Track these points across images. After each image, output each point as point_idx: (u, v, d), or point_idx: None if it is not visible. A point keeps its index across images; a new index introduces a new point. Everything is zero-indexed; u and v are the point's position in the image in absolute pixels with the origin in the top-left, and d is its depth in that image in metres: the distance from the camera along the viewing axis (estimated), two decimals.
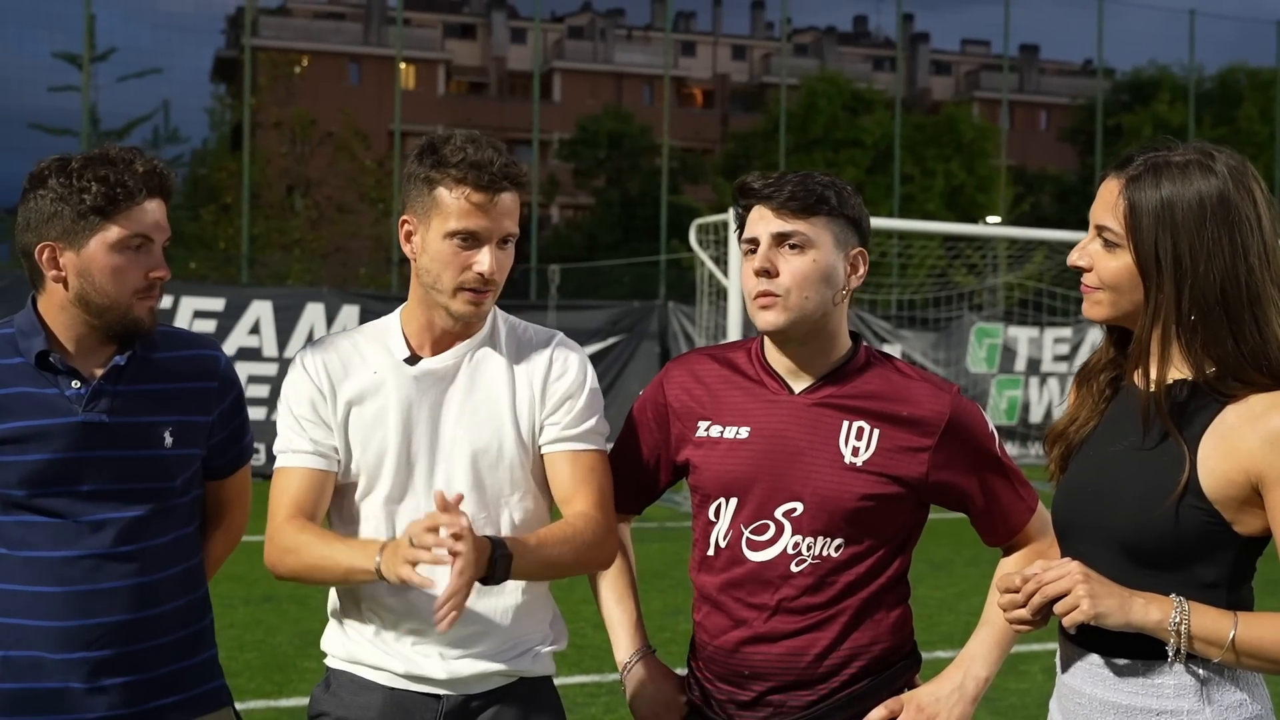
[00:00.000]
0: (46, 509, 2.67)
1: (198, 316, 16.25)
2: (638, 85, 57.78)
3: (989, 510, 2.73)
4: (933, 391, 2.67)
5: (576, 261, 31.51)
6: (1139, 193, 2.21)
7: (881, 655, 2.66)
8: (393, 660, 2.74)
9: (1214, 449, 2.17)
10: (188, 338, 2.94)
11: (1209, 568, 2.18)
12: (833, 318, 2.65)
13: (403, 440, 2.73)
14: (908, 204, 34.72)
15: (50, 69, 28.38)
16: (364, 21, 54.81)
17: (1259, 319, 2.17)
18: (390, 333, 2.82)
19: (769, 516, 2.63)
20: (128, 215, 2.67)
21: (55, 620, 2.67)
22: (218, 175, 30.20)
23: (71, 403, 2.69)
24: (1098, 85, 31.74)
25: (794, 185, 2.59)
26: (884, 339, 19.15)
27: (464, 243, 2.68)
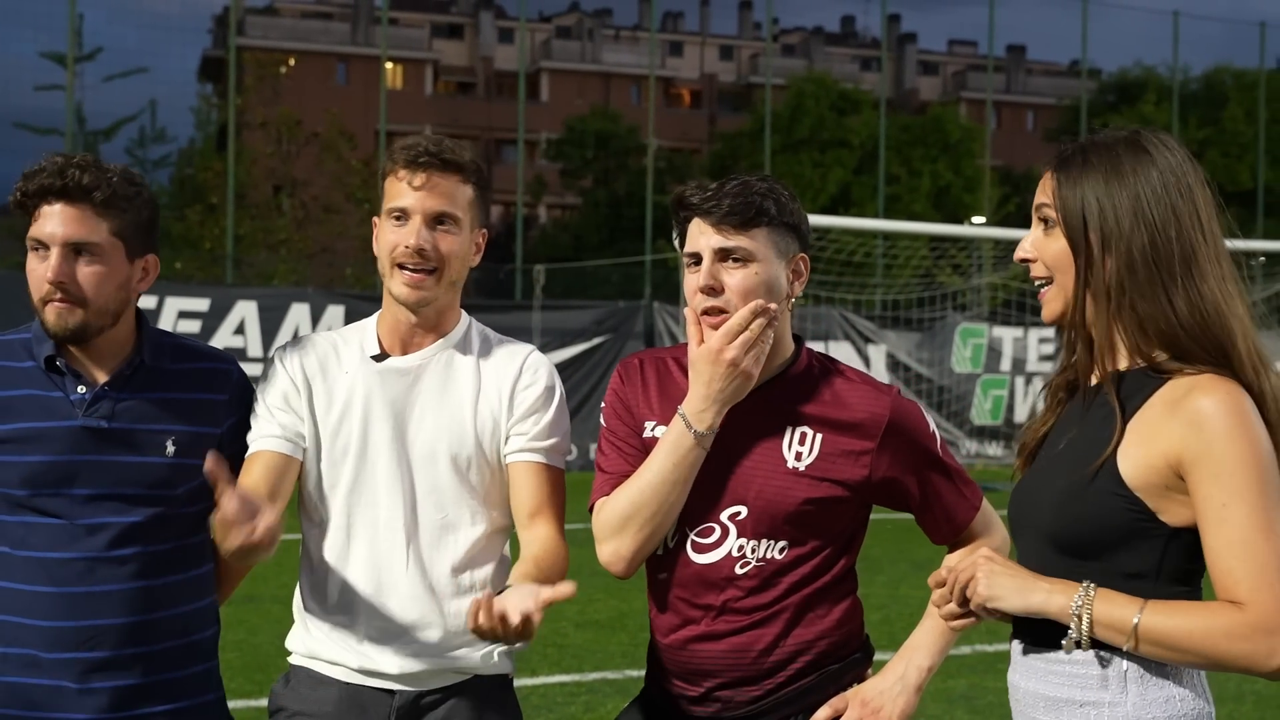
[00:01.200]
0: (46, 509, 2.72)
1: (182, 317, 16.25)
2: (625, 85, 57.81)
3: (932, 509, 2.76)
4: (873, 394, 2.71)
5: (564, 261, 31.52)
6: (1066, 170, 2.27)
7: (827, 650, 2.70)
8: (348, 655, 2.79)
9: (1136, 437, 2.17)
10: (203, 350, 2.99)
11: (1132, 558, 2.17)
12: (780, 323, 2.68)
13: (363, 436, 2.79)
14: (894, 204, 34.79)
15: (36, 68, 28.33)
16: (351, 21, 54.77)
17: (1195, 276, 2.18)
18: (366, 332, 2.88)
19: (714, 519, 2.66)
20: (33, 220, 2.75)
21: (49, 620, 2.71)
22: (204, 175, 30.17)
23: (74, 407, 2.74)
24: (1082, 86, 31.80)
25: (732, 199, 2.60)
26: (869, 339, 19.21)
27: (397, 221, 2.78)
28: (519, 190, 25.27)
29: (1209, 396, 2.12)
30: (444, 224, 2.78)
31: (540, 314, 18.22)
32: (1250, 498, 2.08)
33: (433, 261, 2.76)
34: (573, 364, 17.94)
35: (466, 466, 2.80)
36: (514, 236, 23.73)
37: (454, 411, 2.81)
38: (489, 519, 2.83)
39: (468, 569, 2.81)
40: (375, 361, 2.83)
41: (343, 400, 2.81)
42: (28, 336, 2.82)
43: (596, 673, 7.26)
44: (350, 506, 2.80)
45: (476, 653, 2.80)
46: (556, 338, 18.04)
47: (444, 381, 2.83)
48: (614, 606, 8.61)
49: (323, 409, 2.82)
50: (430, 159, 2.76)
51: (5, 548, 2.74)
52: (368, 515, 2.79)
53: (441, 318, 2.86)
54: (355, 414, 2.79)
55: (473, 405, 2.82)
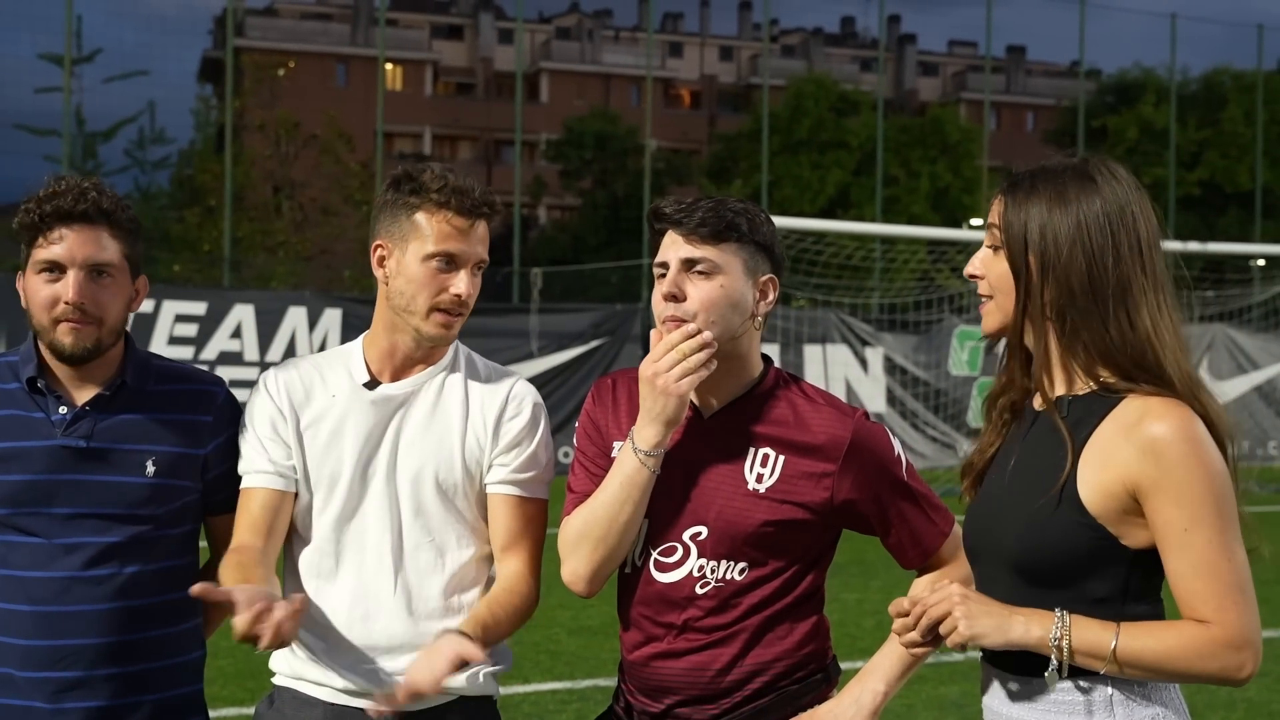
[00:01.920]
0: (25, 528, 2.75)
1: (179, 320, 16.25)
2: (625, 86, 57.82)
3: (897, 534, 2.75)
4: (835, 416, 2.70)
5: (563, 263, 31.53)
6: (1013, 195, 2.30)
7: (785, 671, 2.70)
8: (333, 676, 2.79)
9: (1092, 462, 2.19)
10: (188, 372, 3.00)
11: (1099, 583, 2.19)
12: (741, 343, 2.68)
13: (357, 463, 2.80)
14: (893, 205, 34.81)
15: (35, 70, 28.32)
16: (351, 22, 54.77)
17: (1129, 309, 2.21)
18: (352, 357, 2.88)
19: (676, 539, 2.68)
20: (42, 243, 2.76)
21: (23, 639, 2.73)
22: (203, 177, 30.16)
23: (54, 426, 2.77)
24: (1081, 87, 31.81)
25: (705, 211, 2.62)
26: (866, 342, 19.20)
27: (443, 265, 2.76)
28: (517, 191, 25.26)
29: (1162, 422, 2.16)
30: (480, 269, 2.81)
31: (538, 316, 18.22)
32: (1211, 521, 2.13)
33: (469, 306, 2.81)
34: (570, 367, 17.95)
35: (454, 493, 2.82)
36: (512, 238, 23.71)
37: (442, 438, 2.82)
38: (476, 544, 2.85)
39: (455, 593, 2.82)
40: (366, 389, 2.84)
41: (331, 427, 2.82)
42: (14, 359, 2.85)
43: (589, 680, 7.26)
44: (339, 532, 2.81)
45: (462, 675, 2.78)
46: (554, 340, 18.04)
47: (434, 408, 2.84)
48: (606, 613, 8.54)
49: (310, 435, 2.82)
50: (481, 206, 2.78)
51: None
52: (356, 540, 2.80)
53: (431, 349, 2.87)
54: (346, 440, 2.81)
55: (461, 433, 2.83)
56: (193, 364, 15.92)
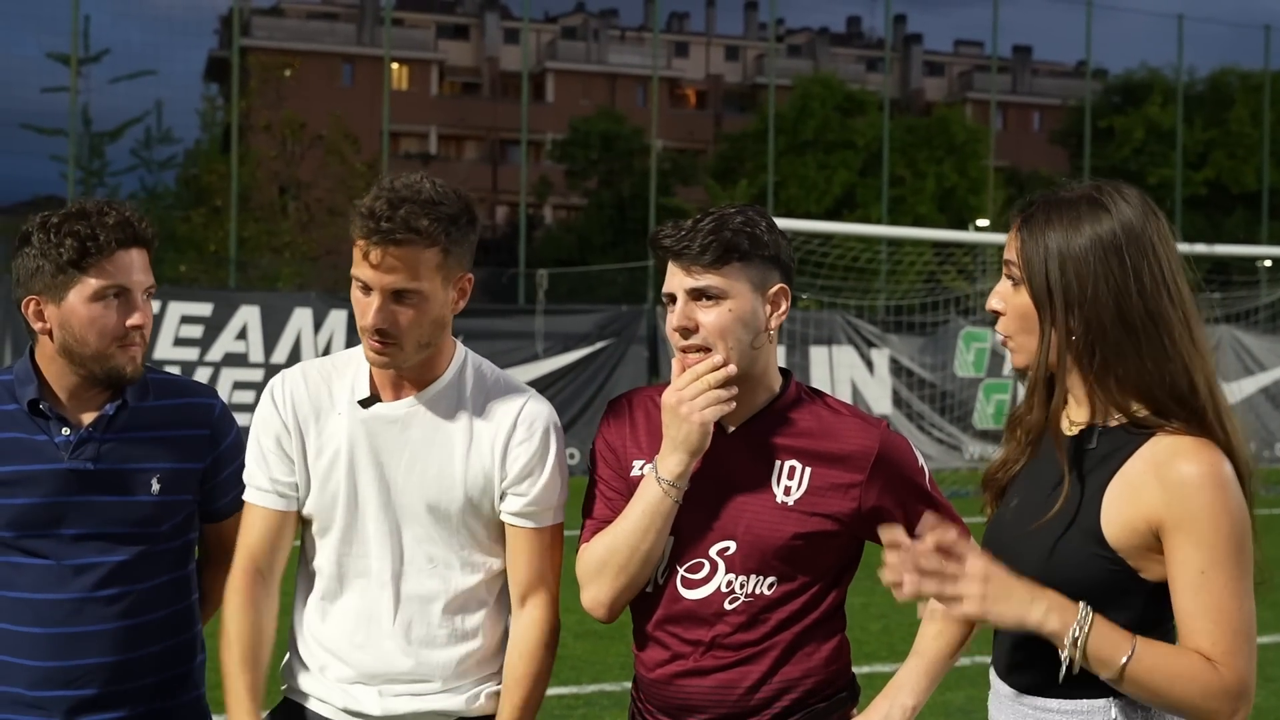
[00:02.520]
0: (33, 550, 2.76)
1: (185, 322, 16.22)
2: (630, 86, 57.79)
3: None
4: (861, 427, 2.70)
5: (568, 263, 31.52)
6: (1030, 230, 2.28)
7: (813, 689, 2.68)
8: (334, 694, 2.77)
9: (1118, 496, 2.19)
10: (182, 385, 3.00)
11: (1118, 613, 2.18)
12: (759, 358, 2.67)
13: (349, 485, 2.74)
14: (899, 206, 34.78)
15: (42, 69, 28.37)
16: (357, 22, 54.79)
17: (1164, 339, 2.19)
18: (360, 370, 2.79)
19: (703, 555, 2.65)
20: (101, 267, 2.73)
21: (36, 660, 2.75)
22: (209, 177, 30.14)
23: (59, 449, 2.77)
24: (1088, 87, 31.76)
25: (703, 238, 2.58)
26: (872, 343, 19.16)
27: (363, 291, 2.64)
28: (522, 192, 25.25)
29: (1192, 463, 2.15)
30: (405, 299, 2.62)
31: (543, 318, 18.19)
32: (1228, 567, 2.13)
33: (394, 337, 2.63)
34: (576, 368, 17.93)
35: (456, 518, 2.74)
36: (518, 238, 23.70)
37: (444, 463, 2.73)
38: (480, 568, 2.78)
39: (459, 617, 2.76)
40: (362, 407, 2.75)
41: (333, 446, 2.75)
42: (9, 379, 2.84)
43: (595, 684, 7.25)
44: (340, 555, 2.77)
45: (461, 696, 2.77)
46: (559, 341, 18.01)
47: (434, 430, 2.74)
48: None
49: (314, 452, 2.76)
50: (384, 235, 2.56)
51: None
52: (359, 565, 2.75)
53: (428, 364, 2.75)
54: (343, 461, 2.74)
55: (464, 457, 2.74)
56: (199, 362, 15.84)
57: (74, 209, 2.78)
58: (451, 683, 2.76)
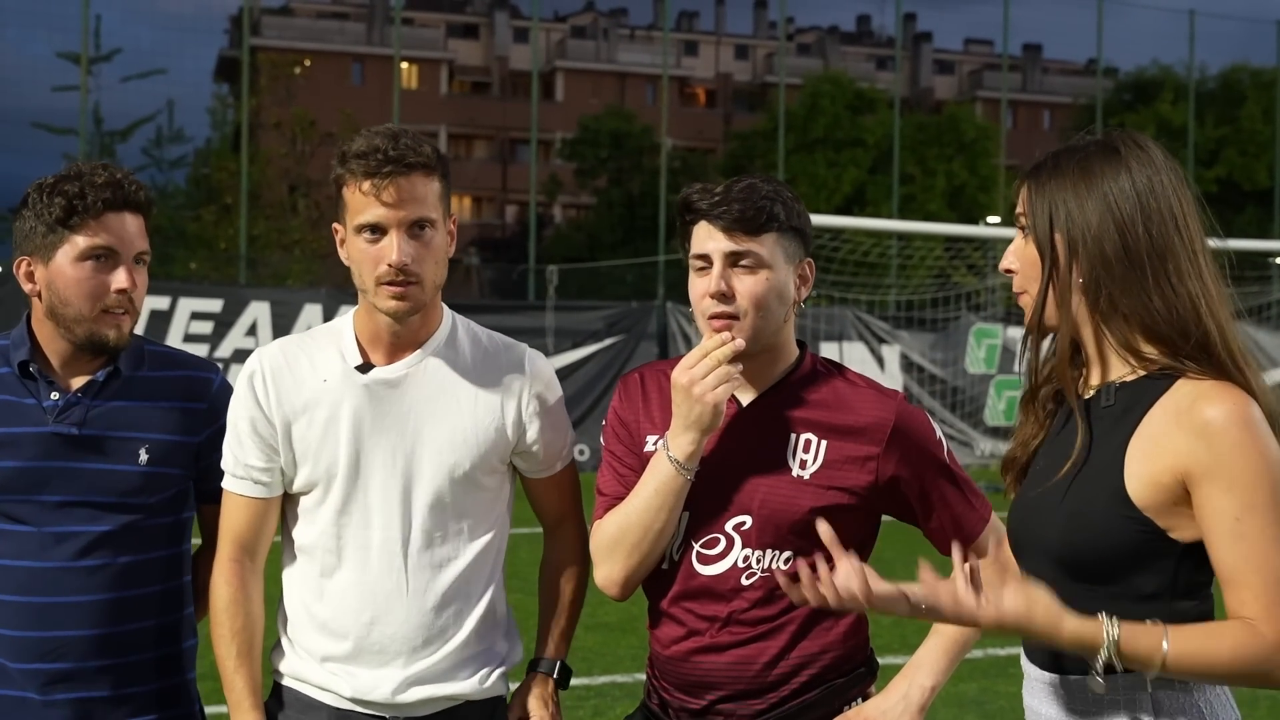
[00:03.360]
0: (15, 516, 2.69)
1: (195, 318, 16.27)
2: (640, 85, 57.78)
3: (940, 518, 2.69)
4: (877, 398, 2.66)
5: (579, 261, 31.48)
6: (1036, 177, 2.24)
7: (832, 664, 2.65)
8: (337, 681, 2.70)
9: (1140, 452, 2.10)
10: (182, 358, 2.93)
11: (1148, 578, 2.11)
12: (783, 331, 2.65)
13: (352, 452, 2.65)
14: (909, 204, 34.71)
15: (52, 69, 28.39)
16: (367, 21, 54.84)
17: (1170, 274, 2.12)
18: (344, 337, 2.71)
19: (719, 530, 2.61)
20: (87, 226, 2.68)
21: (14, 629, 2.68)
22: (219, 175, 30.18)
23: (46, 413, 2.71)
24: (1099, 85, 31.67)
25: (742, 203, 2.55)
26: (883, 340, 19.13)
27: (371, 236, 2.58)
28: (532, 190, 25.24)
29: (1216, 406, 2.05)
30: (422, 231, 2.59)
31: (553, 314, 18.19)
32: (1265, 511, 2.02)
33: (415, 275, 2.59)
34: (585, 364, 17.93)
35: (470, 480, 2.69)
36: (528, 236, 23.69)
37: (454, 421, 2.68)
38: (487, 531, 2.75)
39: (468, 584, 2.72)
40: (360, 373, 2.67)
41: (325, 416, 2.66)
42: (5, 344, 2.79)
43: (606, 676, 7.23)
44: (339, 528, 2.68)
45: (471, 678, 2.73)
46: (569, 338, 18.02)
47: (437, 390, 2.69)
48: (624, 609, 8.53)
49: (301, 427, 2.66)
50: (395, 163, 2.53)
51: None
52: (359, 537, 2.67)
53: (425, 320, 2.69)
54: (341, 431, 2.65)
55: (472, 414, 2.69)
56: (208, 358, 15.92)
57: (70, 170, 2.74)
58: (455, 663, 2.71)
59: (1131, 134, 2.23)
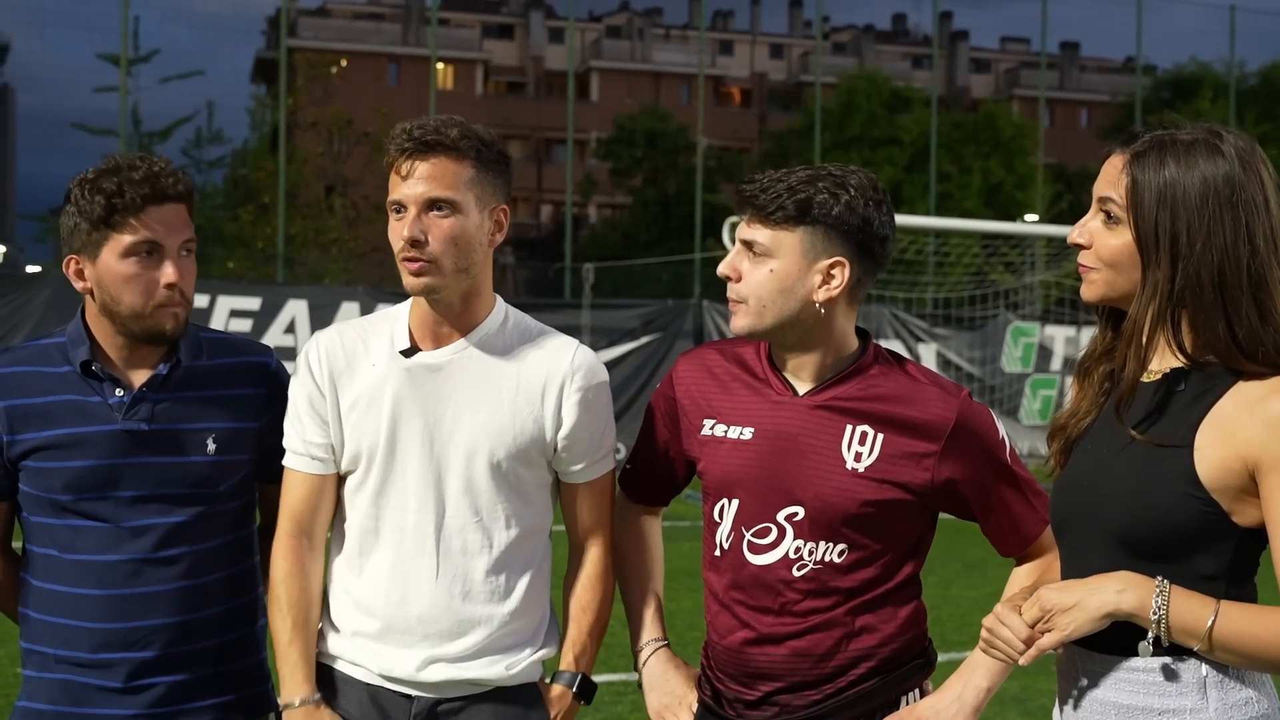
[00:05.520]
0: (90, 513, 2.73)
1: (234, 316, 16.39)
2: (675, 84, 57.76)
3: (999, 519, 2.66)
4: (940, 395, 2.61)
5: (613, 260, 31.47)
6: (1142, 169, 2.19)
7: (890, 656, 2.62)
8: (369, 658, 2.73)
9: (1211, 437, 2.12)
10: (239, 344, 2.97)
11: (1208, 559, 2.13)
12: (821, 323, 2.58)
13: (390, 434, 2.69)
14: (945, 202, 34.55)
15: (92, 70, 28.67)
16: (403, 22, 55.02)
17: (1261, 303, 2.12)
18: (398, 322, 2.76)
19: (770, 520, 2.59)
20: (129, 224, 2.69)
21: (96, 622, 2.73)
22: (257, 175, 30.34)
23: (113, 410, 2.74)
24: (1137, 82, 31.45)
25: (772, 193, 2.52)
26: (919, 338, 19.07)
27: (396, 214, 2.65)
28: (568, 190, 25.27)
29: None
30: (439, 209, 2.62)
31: (589, 312, 18.22)
32: None
33: (430, 252, 2.61)
34: (621, 362, 17.94)
35: (504, 470, 2.69)
36: (564, 235, 23.73)
37: (491, 410, 2.69)
38: (524, 521, 2.74)
39: (501, 574, 2.72)
40: (404, 356, 2.71)
41: (369, 397, 2.70)
42: (62, 340, 2.81)
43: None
44: (378, 509, 2.72)
45: (500, 664, 2.73)
46: (605, 336, 18.04)
47: (479, 378, 2.70)
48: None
49: (348, 406, 2.71)
50: (416, 142, 2.61)
51: (53, 550, 2.77)
52: (395, 519, 2.70)
53: (468, 307, 2.71)
54: (383, 412, 2.69)
55: (511, 404, 2.69)
56: None
57: (108, 164, 2.73)
58: (490, 647, 2.72)
59: (1234, 134, 2.20)
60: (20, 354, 2.82)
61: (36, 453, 2.73)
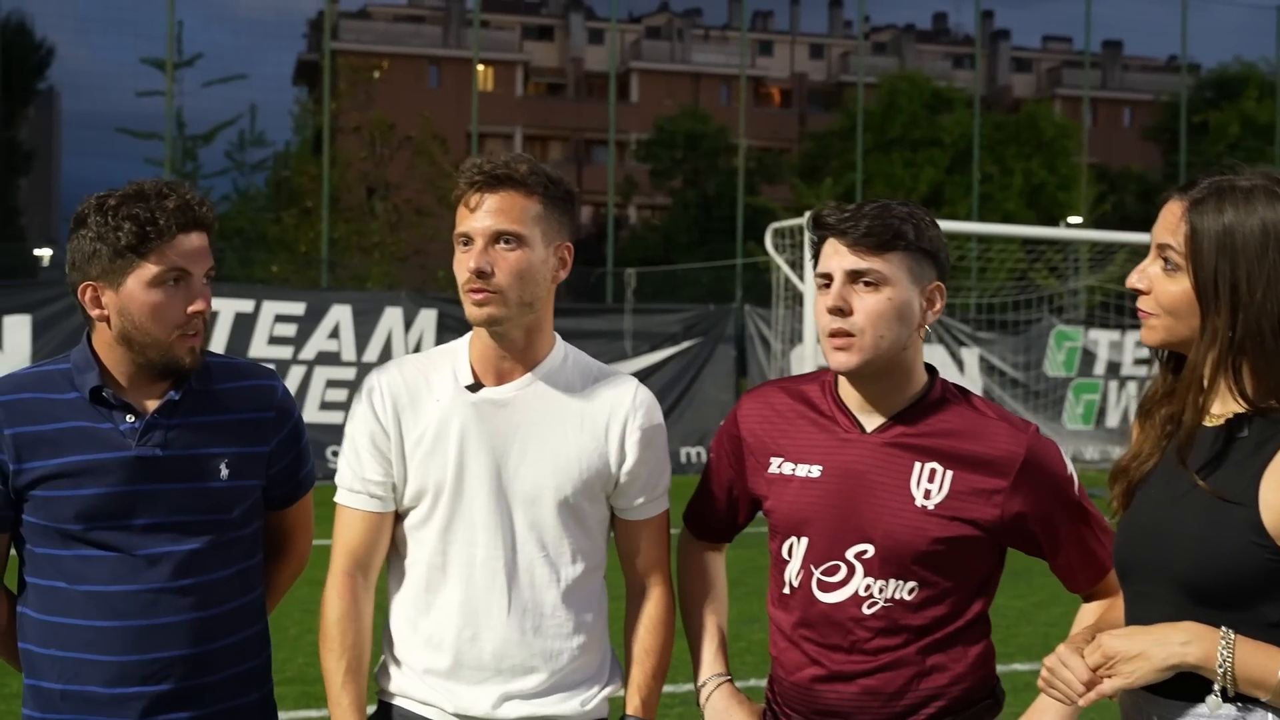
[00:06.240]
0: (103, 543, 2.66)
1: (279, 320, 16.48)
2: (715, 85, 57.70)
3: (1068, 555, 2.65)
4: (1008, 430, 2.59)
5: (654, 263, 31.50)
6: (1201, 217, 2.18)
7: (961, 695, 2.61)
8: (439, 696, 2.73)
9: (1275, 483, 2.10)
10: (244, 368, 2.91)
11: (1274, 607, 2.11)
12: (908, 354, 2.59)
13: (458, 469, 2.69)
14: (987, 203, 34.38)
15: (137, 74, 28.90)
16: (443, 24, 55.21)
17: None
18: (459, 357, 2.77)
19: (839, 557, 2.59)
20: (161, 252, 2.63)
21: (112, 655, 2.66)
22: (300, 179, 30.46)
23: (125, 437, 2.67)
24: (1182, 81, 31.20)
25: (870, 220, 2.52)
26: (962, 342, 18.99)
27: (463, 247, 2.68)
28: (610, 192, 25.30)
29: None
30: (505, 242, 2.64)
31: (631, 316, 18.23)
32: None
33: (495, 284, 2.63)
34: (663, 367, 17.95)
35: (570, 505, 2.71)
36: (605, 238, 23.74)
37: (558, 448, 2.70)
38: (588, 556, 2.76)
39: (569, 609, 2.73)
40: (470, 392, 2.72)
41: (434, 433, 2.71)
42: (66, 367, 2.73)
43: (690, 684, 7.22)
44: (445, 545, 2.72)
45: (574, 700, 2.75)
46: (647, 341, 18.05)
47: (543, 415, 2.71)
48: None
49: (413, 443, 2.72)
50: (486, 175, 2.65)
51: (60, 583, 2.68)
52: (464, 554, 2.71)
53: (531, 343, 2.73)
54: (450, 448, 2.69)
55: (577, 439, 2.71)
56: (292, 360, 15.96)
57: (131, 190, 2.67)
58: (561, 683, 2.73)
59: None
60: (24, 380, 2.75)
61: (45, 481, 2.65)
